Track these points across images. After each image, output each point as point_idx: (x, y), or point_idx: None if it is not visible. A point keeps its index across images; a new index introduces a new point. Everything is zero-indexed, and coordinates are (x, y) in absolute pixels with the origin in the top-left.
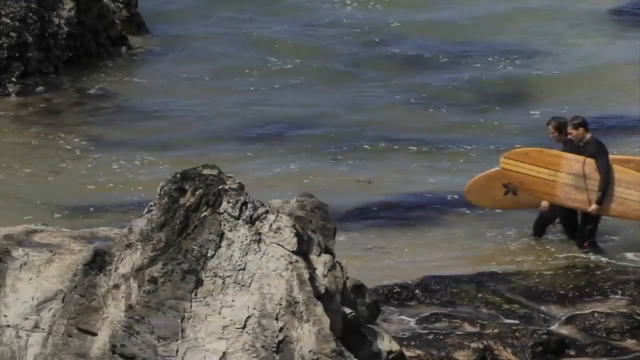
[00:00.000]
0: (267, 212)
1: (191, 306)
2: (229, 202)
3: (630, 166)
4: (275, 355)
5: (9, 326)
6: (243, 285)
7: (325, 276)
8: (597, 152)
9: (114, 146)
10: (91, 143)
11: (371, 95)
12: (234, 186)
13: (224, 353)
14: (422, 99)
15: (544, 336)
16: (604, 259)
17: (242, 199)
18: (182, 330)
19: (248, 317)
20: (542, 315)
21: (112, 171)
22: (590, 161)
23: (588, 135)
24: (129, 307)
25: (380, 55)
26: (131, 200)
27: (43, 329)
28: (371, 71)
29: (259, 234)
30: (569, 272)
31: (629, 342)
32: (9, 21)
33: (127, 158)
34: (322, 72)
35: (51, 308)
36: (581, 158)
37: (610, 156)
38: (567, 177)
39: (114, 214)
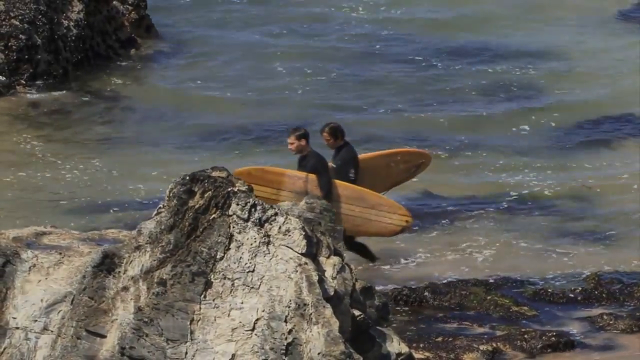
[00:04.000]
0: (276, 214)
1: (200, 308)
2: (238, 204)
3: (397, 158)
4: (284, 357)
5: (18, 328)
6: (252, 288)
7: (334, 278)
8: (318, 167)
9: (123, 147)
10: (100, 144)
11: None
12: (243, 188)
13: (233, 355)
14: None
15: (553, 338)
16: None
17: (251, 201)
18: (191, 333)
19: (257, 319)
20: (551, 317)
21: (119, 172)
22: (313, 177)
23: (309, 149)
24: (138, 309)
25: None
26: (136, 202)
27: (52, 331)
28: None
29: (268, 236)
30: (577, 274)
31: (638, 343)
32: (18, 23)
33: (135, 159)
34: (326, 77)
35: (60, 310)
36: (303, 175)
37: (376, 152)
38: (289, 195)
39: (123, 215)
